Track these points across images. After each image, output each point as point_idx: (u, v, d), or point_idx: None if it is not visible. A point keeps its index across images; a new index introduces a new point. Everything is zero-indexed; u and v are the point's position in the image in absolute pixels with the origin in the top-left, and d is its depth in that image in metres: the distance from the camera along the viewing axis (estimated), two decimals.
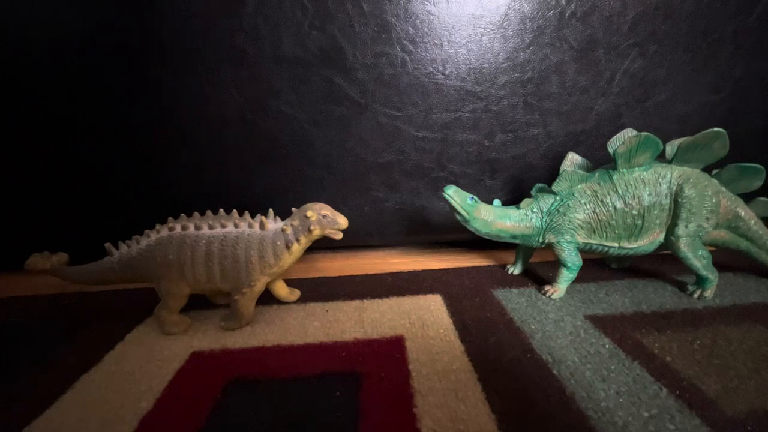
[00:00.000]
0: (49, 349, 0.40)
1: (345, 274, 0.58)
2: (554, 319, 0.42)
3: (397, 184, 0.60)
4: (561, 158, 0.59)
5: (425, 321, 0.43)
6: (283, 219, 0.53)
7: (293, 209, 0.44)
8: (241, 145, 0.56)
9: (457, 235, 0.64)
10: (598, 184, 0.46)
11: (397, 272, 0.58)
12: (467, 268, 0.59)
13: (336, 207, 0.60)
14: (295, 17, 0.50)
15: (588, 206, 0.46)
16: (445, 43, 0.53)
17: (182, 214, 0.43)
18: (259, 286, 0.42)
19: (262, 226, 0.42)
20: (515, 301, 0.47)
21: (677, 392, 0.31)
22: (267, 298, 0.49)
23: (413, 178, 0.60)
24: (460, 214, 0.48)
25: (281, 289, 0.48)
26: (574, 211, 0.46)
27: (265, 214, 0.54)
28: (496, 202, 0.50)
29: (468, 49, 0.53)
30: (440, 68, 0.54)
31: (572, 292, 0.49)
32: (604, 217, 0.46)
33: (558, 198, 0.48)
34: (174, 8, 0.50)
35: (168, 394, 0.33)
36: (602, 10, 0.52)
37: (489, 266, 0.59)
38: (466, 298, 0.48)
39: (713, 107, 0.58)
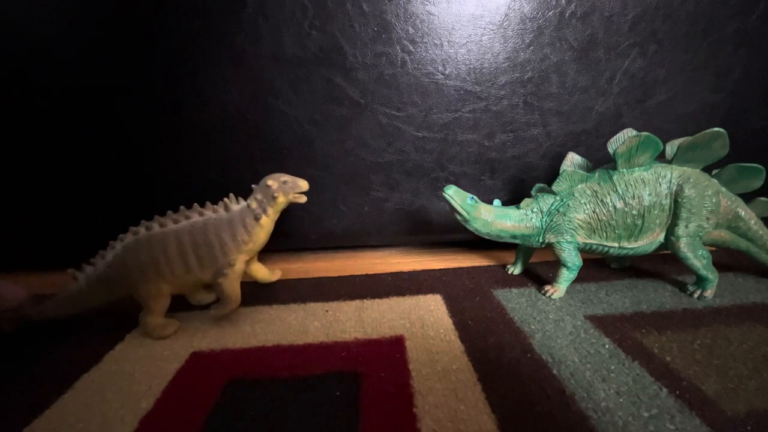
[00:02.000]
0: (49, 349, 0.40)
1: (345, 274, 0.58)
2: (554, 319, 0.42)
3: (397, 184, 0.60)
4: (561, 158, 0.59)
5: (425, 321, 0.43)
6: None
7: (253, 186, 0.44)
8: (242, 144, 0.56)
9: (457, 235, 0.64)
10: (598, 184, 0.46)
11: (397, 272, 0.58)
12: (467, 268, 0.59)
13: (336, 207, 0.60)
14: (295, 17, 0.50)
15: (588, 206, 0.46)
16: (445, 43, 0.53)
17: (143, 220, 0.43)
18: (239, 265, 0.42)
19: (226, 208, 0.42)
20: (515, 301, 0.47)
21: (677, 392, 0.31)
22: (267, 297, 0.49)
23: (413, 178, 0.60)
24: (460, 214, 0.48)
25: (259, 271, 0.47)
26: (574, 211, 0.46)
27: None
28: (496, 202, 0.50)
29: (468, 49, 0.53)
30: (440, 68, 0.54)
31: (572, 292, 0.49)
32: (604, 217, 0.46)
33: (558, 198, 0.48)
34: (174, 8, 0.50)
35: (168, 394, 0.33)
36: (602, 10, 0.52)
37: (489, 266, 0.59)
38: (466, 298, 0.48)
39: (713, 107, 0.58)
